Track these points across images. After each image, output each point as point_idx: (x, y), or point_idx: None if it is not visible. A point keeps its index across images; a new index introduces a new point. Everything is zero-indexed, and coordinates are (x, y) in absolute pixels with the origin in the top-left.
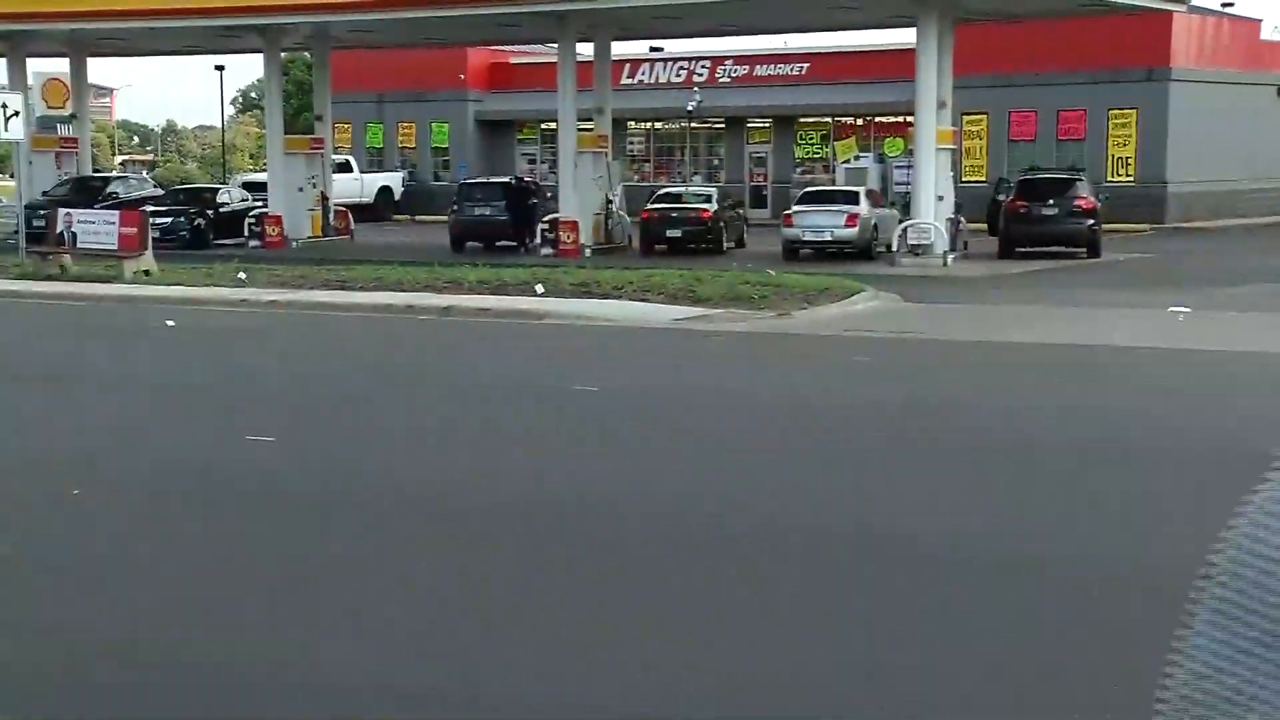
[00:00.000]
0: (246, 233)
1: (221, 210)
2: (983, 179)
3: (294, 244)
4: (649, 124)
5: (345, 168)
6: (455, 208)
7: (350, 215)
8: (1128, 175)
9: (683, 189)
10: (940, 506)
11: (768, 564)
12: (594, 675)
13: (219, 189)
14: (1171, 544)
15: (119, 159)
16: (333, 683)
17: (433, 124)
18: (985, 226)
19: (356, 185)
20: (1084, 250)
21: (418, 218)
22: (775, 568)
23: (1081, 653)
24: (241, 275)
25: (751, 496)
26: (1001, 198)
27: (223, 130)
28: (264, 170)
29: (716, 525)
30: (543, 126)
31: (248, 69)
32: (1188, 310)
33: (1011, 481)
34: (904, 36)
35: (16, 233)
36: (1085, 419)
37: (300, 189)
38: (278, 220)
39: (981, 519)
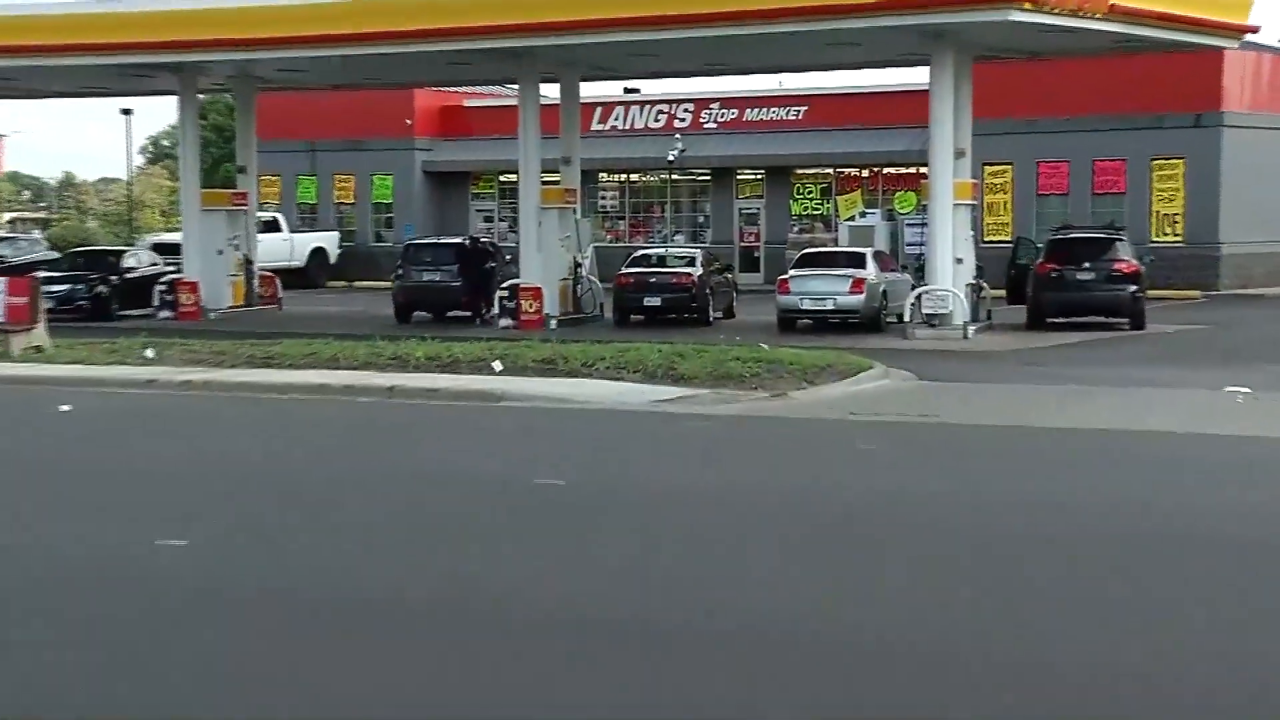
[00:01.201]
0: (157, 302)
1: (127, 276)
2: (1007, 238)
3: (212, 315)
4: (624, 176)
5: (273, 227)
6: (400, 272)
7: (278, 281)
8: (1175, 234)
9: (663, 250)
10: (957, 613)
11: (760, 683)
12: None
13: (124, 251)
14: (1202, 653)
15: (7, 217)
16: None
17: (374, 176)
18: (1005, 293)
19: (286, 247)
20: (1125, 321)
21: (356, 284)
22: (769, 686)
23: None
24: (150, 352)
25: (738, 603)
26: (1024, 261)
27: (129, 184)
28: (177, 230)
29: (697, 639)
30: (501, 179)
31: (159, 113)
32: (1247, 391)
33: (1040, 584)
34: (915, 76)
35: None
36: (1126, 515)
37: (220, 251)
38: (193, 287)
39: (1005, 626)
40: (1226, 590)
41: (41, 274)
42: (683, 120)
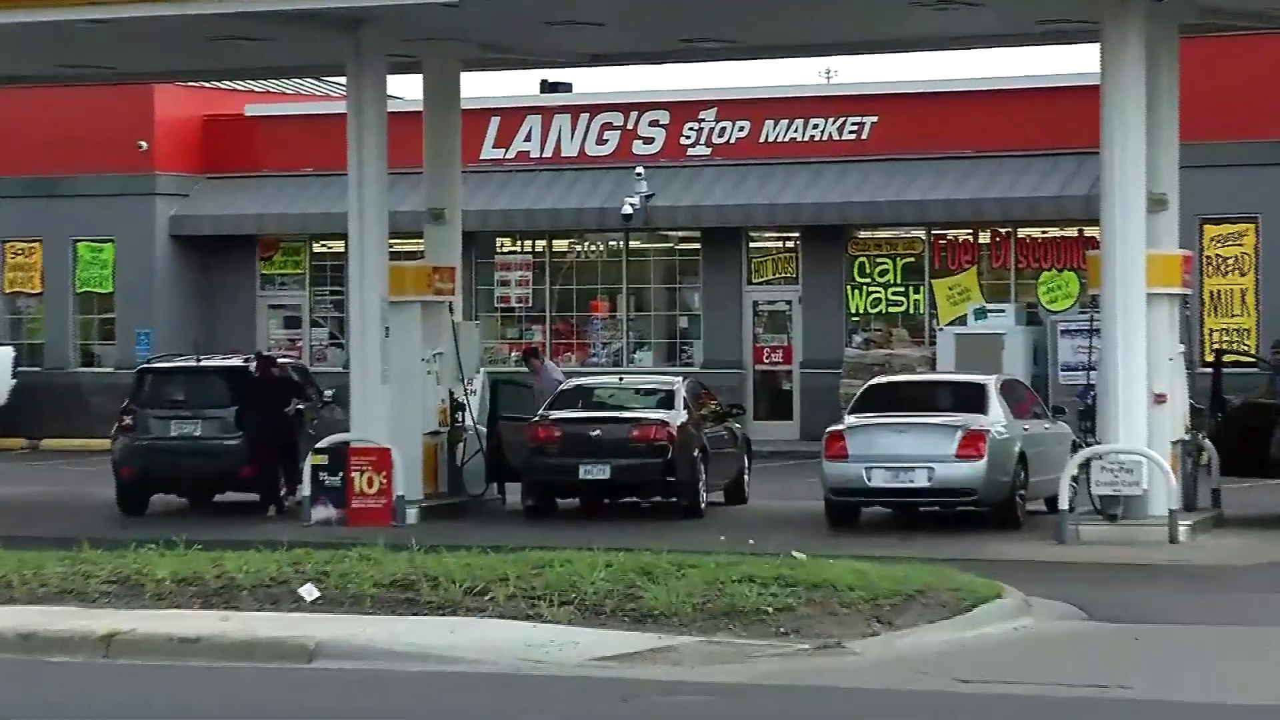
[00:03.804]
0: None
1: None
2: (1252, 350)
3: None
4: (541, 243)
5: None
6: (129, 421)
7: None
8: None
9: (614, 381)
10: None
11: None
12: None
13: None
14: None
15: None
16: None
17: (79, 243)
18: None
19: None
20: None
21: (45, 443)
22: None
23: None
24: None
25: None
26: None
27: None
28: None
29: None
30: (315, 247)
31: None
32: None
33: None
34: (1070, 62)
35: None
36: None
37: None
38: None
39: None
40: None
41: None
42: (649, 142)
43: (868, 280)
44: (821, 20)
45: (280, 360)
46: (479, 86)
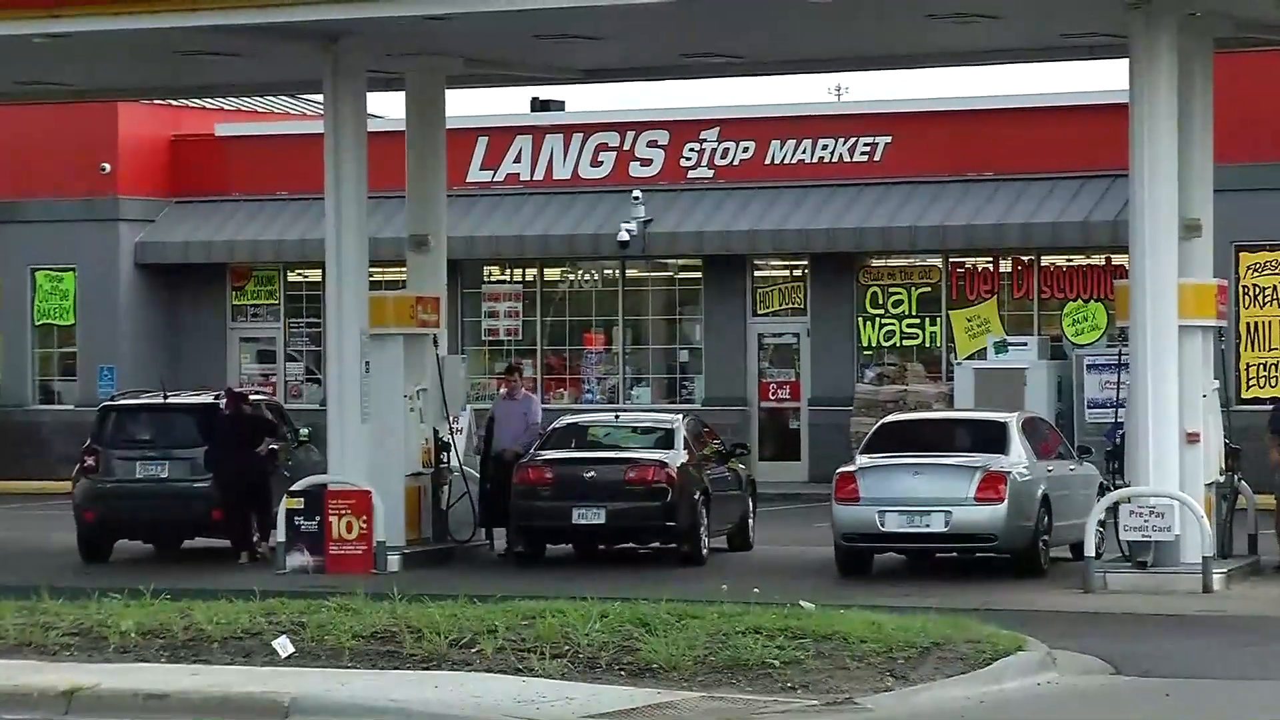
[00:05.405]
0: None
1: None
2: None
3: None
4: (531, 272)
5: None
6: (91, 462)
7: None
8: None
9: (609, 418)
10: None
11: None
12: None
13: None
14: None
15: None
16: None
17: (38, 272)
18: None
19: None
20: None
21: (1, 485)
22: None
23: None
24: None
25: None
26: None
27: None
28: None
29: None
30: (290, 276)
31: None
32: None
33: None
34: (1098, 78)
35: None
36: None
37: None
38: None
39: None
40: None
41: None
42: (647, 164)
43: (881, 311)
44: (832, 34)
45: (253, 397)
46: (465, 105)
